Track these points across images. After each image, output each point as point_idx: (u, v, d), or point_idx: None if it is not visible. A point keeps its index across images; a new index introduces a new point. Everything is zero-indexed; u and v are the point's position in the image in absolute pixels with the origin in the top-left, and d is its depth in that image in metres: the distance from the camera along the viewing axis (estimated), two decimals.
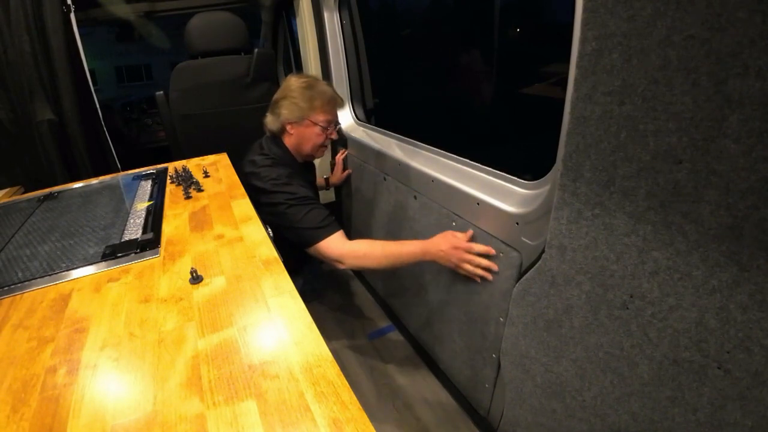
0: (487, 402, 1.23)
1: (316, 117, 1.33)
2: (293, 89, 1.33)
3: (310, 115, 1.33)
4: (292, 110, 1.32)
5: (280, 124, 1.36)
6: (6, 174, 1.65)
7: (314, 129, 1.34)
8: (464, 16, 1.74)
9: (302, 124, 1.34)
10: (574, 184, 0.72)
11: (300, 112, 1.32)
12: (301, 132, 1.36)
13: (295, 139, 1.38)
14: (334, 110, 1.38)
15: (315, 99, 1.31)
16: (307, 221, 1.22)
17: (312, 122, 1.33)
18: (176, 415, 0.49)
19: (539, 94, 1.39)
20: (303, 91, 1.32)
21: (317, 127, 1.34)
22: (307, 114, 1.33)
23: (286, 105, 1.33)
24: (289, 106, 1.32)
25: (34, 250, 0.90)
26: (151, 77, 9.28)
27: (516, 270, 0.97)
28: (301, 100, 1.31)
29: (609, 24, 0.59)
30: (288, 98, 1.33)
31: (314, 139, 1.36)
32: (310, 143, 1.37)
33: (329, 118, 1.36)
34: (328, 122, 1.36)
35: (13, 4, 1.47)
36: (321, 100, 1.32)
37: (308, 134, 1.36)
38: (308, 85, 1.33)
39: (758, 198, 0.48)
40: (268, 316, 0.64)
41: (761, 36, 0.44)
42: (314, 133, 1.35)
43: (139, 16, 2.11)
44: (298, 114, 1.32)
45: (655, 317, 0.65)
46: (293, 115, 1.33)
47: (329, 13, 1.83)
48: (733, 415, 0.58)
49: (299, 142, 1.38)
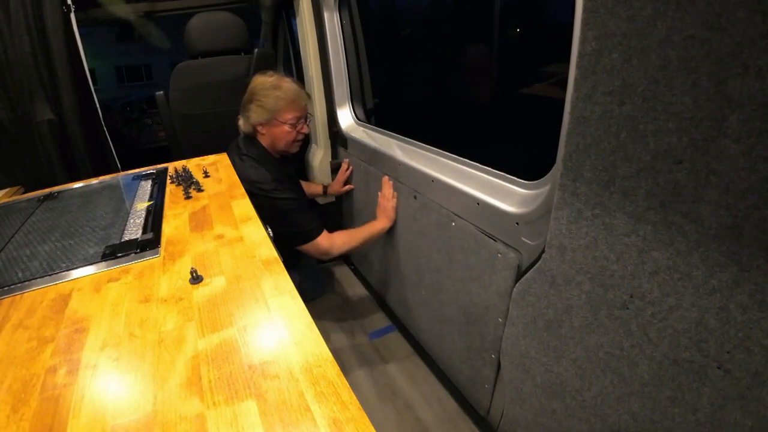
0: (487, 402, 1.23)
1: (284, 116, 1.39)
2: (257, 91, 1.38)
3: (277, 115, 1.39)
4: (259, 113, 1.38)
5: (251, 127, 1.42)
6: (6, 174, 1.65)
7: (283, 127, 1.41)
8: (464, 16, 1.74)
9: (271, 124, 1.40)
10: (574, 184, 0.72)
11: (267, 114, 1.38)
12: (272, 131, 1.42)
13: (268, 139, 1.45)
14: (301, 106, 1.43)
15: (280, 99, 1.37)
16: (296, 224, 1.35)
17: (280, 121, 1.39)
18: (176, 415, 0.49)
19: (539, 94, 1.39)
20: (267, 92, 1.37)
21: (286, 125, 1.40)
22: (274, 114, 1.38)
23: (253, 108, 1.39)
24: (255, 109, 1.38)
25: (34, 250, 0.90)
26: (151, 77, 9.27)
27: (516, 270, 0.97)
28: (266, 102, 1.37)
29: (609, 24, 0.59)
30: (254, 101, 1.39)
31: (285, 137, 1.43)
32: (282, 141, 1.44)
33: (297, 114, 1.41)
34: (297, 119, 1.42)
35: (13, 4, 1.47)
36: (285, 100, 1.38)
37: (278, 133, 1.42)
38: (272, 86, 1.38)
39: (758, 198, 0.48)
40: (268, 316, 0.64)
41: (761, 36, 0.44)
42: (284, 131, 1.42)
43: (139, 16, 2.10)
44: (266, 116, 1.38)
45: (655, 317, 0.65)
46: (261, 117, 1.39)
47: (329, 13, 1.83)
48: (733, 415, 0.58)
49: (272, 140, 1.45)
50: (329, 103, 1.96)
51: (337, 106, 1.96)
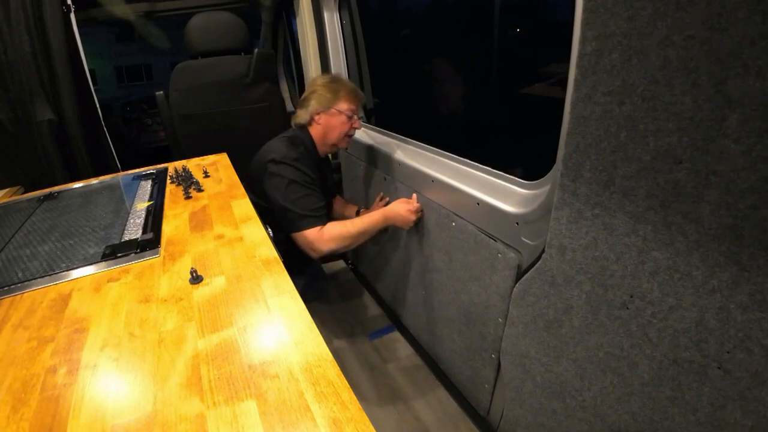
0: (487, 402, 1.23)
1: (341, 106, 1.47)
2: (319, 84, 1.49)
3: (336, 104, 1.47)
4: (320, 101, 1.47)
5: (308, 116, 1.49)
6: (6, 174, 1.65)
7: (340, 117, 1.48)
8: (464, 16, 1.74)
9: (329, 113, 1.48)
10: (574, 184, 0.72)
11: (327, 101, 1.47)
12: (328, 120, 1.49)
13: (321, 129, 1.50)
14: (357, 101, 1.51)
15: (339, 90, 1.47)
16: (299, 205, 1.33)
17: (338, 111, 1.47)
18: (176, 415, 0.49)
19: (539, 94, 1.39)
20: (328, 84, 1.48)
21: (343, 115, 1.47)
22: (333, 103, 1.47)
23: (314, 97, 1.48)
24: (317, 97, 1.47)
25: (34, 250, 0.90)
26: (151, 77, 9.27)
27: (516, 270, 0.97)
28: (327, 92, 1.47)
29: (609, 24, 0.59)
30: (315, 92, 1.48)
31: (340, 127, 1.49)
32: (336, 131, 1.49)
33: (353, 107, 1.50)
34: (353, 111, 1.50)
35: (13, 4, 1.47)
36: (345, 91, 1.48)
37: (334, 122, 1.49)
38: (332, 79, 1.51)
39: (758, 198, 0.48)
40: (268, 316, 0.64)
41: (761, 36, 0.44)
42: (340, 122, 1.48)
43: (139, 16, 2.10)
44: (326, 103, 1.47)
45: (655, 317, 0.65)
46: (321, 105, 1.47)
47: (329, 13, 1.83)
48: (733, 415, 0.58)
49: (325, 131, 1.50)
50: None
51: None
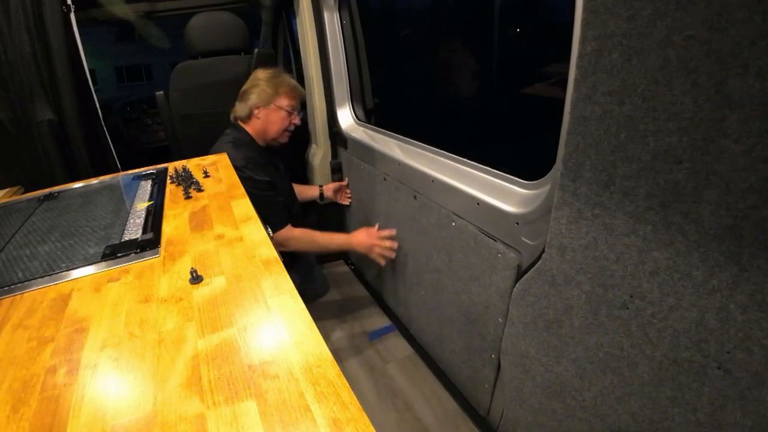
0: (487, 402, 1.23)
1: (282, 101, 1.52)
2: (260, 79, 1.52)
3: (276, 100, 1.51)
4: (261, 96, 1.51)
5: (248, 110, 1.53)
6: (6, 174, 1.65)
7: (280, 113, 1.53)
8: (464, 16, 1.74)
9: (269, 108, 1.52)
10: (574, 184, 0.72)
11: (268, 97, 1.51)
12: (268, 116, 1.53)
13: (261, 124, 1.54)
14: (298, 98, 1.57)
15: (280, 86, 1.51)
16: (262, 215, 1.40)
17: (278, 106, 1.52)
18: (176, 415, 0.49)
19: (539, 94, 1.39)
20: (270, 79, 1.51)
21: (283, 111, 1.52)
22: (273, 98, 1.51)
23: (255, 92, 1.51)
24: (258, 92, 1.51)
25: (34, 250, 0.90)
26: (151, 77, 9.27)
27: (516, 270, 0.97)
28: (268, 87, 1.51)
29: (609, 24, 0.59)
30: (257, 86, 1.52)
31: (280, 123, 1.54)
32: (276, 126, 1.54)
33: (293, 103, 1.54)
34: (293, 108, 1.55)
35: (13, 4, 1.47)
36: (286, 87, 1.52)
37: (274, 118, 1.53)
38: (274, 74, 1.54)
39: (758, 198, 0.48)
40: (268, 316, 0.64)
41: (761, 36, 0.44)
42: (280, 117, 1.53)
43: (139, 16, 2.10)
44: (266, 99, 1.51)
45: (655, 317, 0.65)
46: (261, 100, 1.51)
47: (329, 13, 1.83)
48: (733, 415, 0.58)
49: (265, 126, 1.54)
50: (329, 103, 1.96)
51: (337, 106, 1.96)
